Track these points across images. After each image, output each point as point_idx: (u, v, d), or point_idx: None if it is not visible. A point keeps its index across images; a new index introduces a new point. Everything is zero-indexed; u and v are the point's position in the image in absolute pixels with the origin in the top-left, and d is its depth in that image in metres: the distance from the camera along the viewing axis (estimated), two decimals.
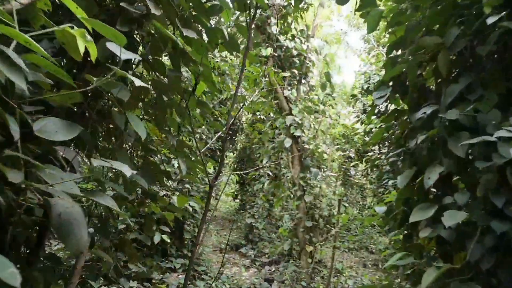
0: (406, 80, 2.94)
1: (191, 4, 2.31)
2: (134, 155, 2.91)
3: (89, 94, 2.21)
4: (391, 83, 3.00)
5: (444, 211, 2.07)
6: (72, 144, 2.19)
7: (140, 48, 2.48)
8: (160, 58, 2.61)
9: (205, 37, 2.56)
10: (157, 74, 2.55)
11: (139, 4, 2.01)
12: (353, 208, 10.18)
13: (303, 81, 7.13)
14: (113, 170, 2.69)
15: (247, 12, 2.60)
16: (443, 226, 2.15)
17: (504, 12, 2.00)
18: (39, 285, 1.72)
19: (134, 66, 2.43)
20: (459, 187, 2.60)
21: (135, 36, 2.43)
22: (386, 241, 12.76)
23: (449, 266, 2.00)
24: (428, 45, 2.55)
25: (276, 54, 6.86)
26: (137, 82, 1.18)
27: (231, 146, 16.11)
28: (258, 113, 11.25)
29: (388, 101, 3.26)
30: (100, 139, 2.86)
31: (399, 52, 3.06)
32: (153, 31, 2.56)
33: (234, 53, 2.79)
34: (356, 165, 8.89)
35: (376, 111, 9.87)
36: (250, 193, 12.88)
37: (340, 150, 7.26)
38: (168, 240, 5.03)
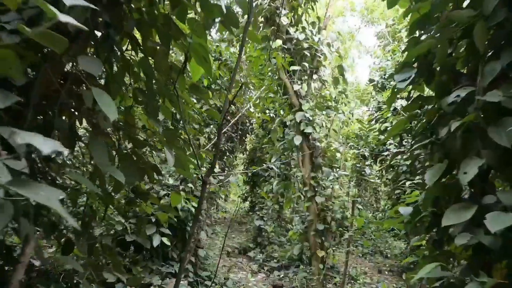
0: (433, 61, 2.54)
1: None
2: (123, 146, 2.58)
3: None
4: (415, 65, 2.61)
5: (485, 213, 1.68)
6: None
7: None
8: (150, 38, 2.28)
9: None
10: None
11: None
12: (367, 211, 9.71)
13: (314, 76, 6.74)
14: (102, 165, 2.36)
15: None
16: (484, 231, 1.76)
17: None
18: None
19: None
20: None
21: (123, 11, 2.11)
22: (401, 246, 12.21)
23: (495, 281, 1.61)
24: (460, 18, 2.16)
25: (286, 47, 6.49)
26: (63, 18, 0.82)
27: (240, 147, 15.77)
28: (268, 111, 10.89)
29: (411, 87, 2.86)
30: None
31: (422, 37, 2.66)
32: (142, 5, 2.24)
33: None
34: (371, 166, 8.44)
35: (391, 108, 9.40)
36: (260, 195, 12.51)
37: (354, 149, 6.82)
38: (168, 243, 4.69)
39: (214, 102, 7.29)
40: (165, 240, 4.69)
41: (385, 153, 8.52)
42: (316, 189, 6.04)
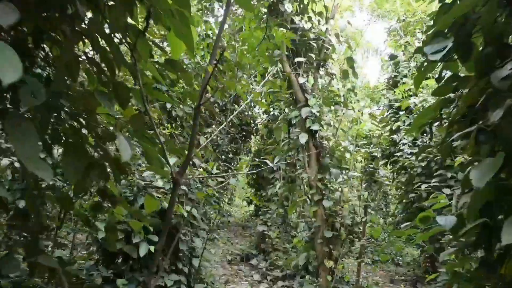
0: (471, 31, 2.00)
1: None
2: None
3: None
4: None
5: None
6: None
7: None
8: None
9: None
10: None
11: None
12: (377, 216, 9.10)
13: (321, 69, 6.20)
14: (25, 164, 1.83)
15: None
16: None
17: None
18: None
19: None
20: None
21: None
22: (414, 253, 11.54)
23: None
24: None
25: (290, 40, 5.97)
26: None
27: (244, 148, 15.24)
28: (272, 109, 10.36)
29: (441, 65, 2.31)
30: None
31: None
32: None
33: None
34: (385, 167, 7.83)
35: (405, 107, 8.80)
36: (264, 198, 11.96)
37: (365, 147, 6.24)
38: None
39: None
40: (153, 249, 4.17)
41: (398, 154, 7.93)
42: (324, 192, 5.48)
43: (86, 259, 4.44)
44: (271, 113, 10.87)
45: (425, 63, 2.18)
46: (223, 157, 12.79)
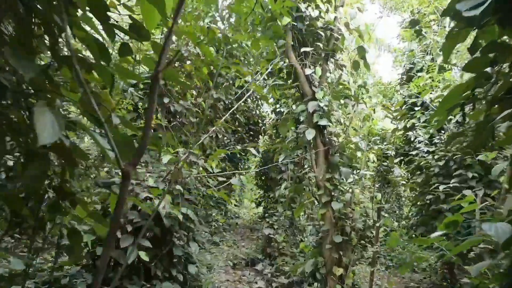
0: None
1: None
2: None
3: None
4: None
5: None
6: None
7: None
8: None
9: None
10: None
11: None
12: (391, 219, 8.57)
13: (330, 60, 5.75)
14: None
15: None
16: None
17: None
18: None
19: None
20: None
21: None
22: (430, 258, 10.93)
23: None
24: None
25: (296, 26, 5.55)
26: None
27: (253, 148, 14.82)
28: (279, 107, 9.95)
29: (475, 34, 1.86)
30: None
31: None
32: None
33: None
34: (400, 166, 7.31)
35: (419, 102, 8.28)
36: (272, 200, 11.52)
37: (379, 144, 5.74)
38: (147, 259, 3.78)
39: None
40: (143, 255, 3.78)
41: (413, 153, 7.41)
42: (333, 193, 5.03)
43: (71, 264, 4.07)
44: (278, 109, 10.44)
45: (455, 28, 1.74)
46: (228, 157, 12.41)
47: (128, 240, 3.90)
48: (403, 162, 8.76)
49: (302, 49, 5.29)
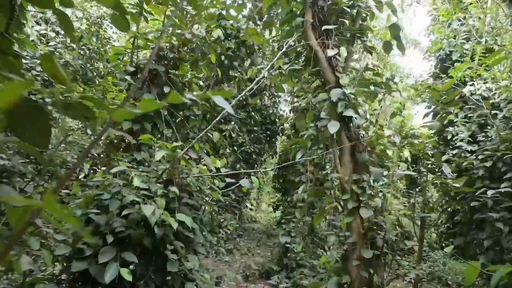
0: None
1: None
2: None
3: None
4: None
5: None
6: None
7: None
8: None
9: None
10: None
11: None
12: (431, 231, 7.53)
13: (356, 42, 4.92)
14: None
15: None
16: None
17: None
18: None
19: None
20: None
21: None
22: (464, 269, 9.78)
23: None
24: None
25: (317, 3, 4.75)
26: None
27: (269, 149, 14.00)
28: (296, 101, 9.15)
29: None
30: None
31: None
32: None
33: None
34: (449, 163, 6.29)
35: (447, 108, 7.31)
36: (289, 204, 10.67)
37: (415, 138, 4.82)
38: (130, 278, 3.04)
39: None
40: (125, 272, 3.05)
41: (453, 152, 6.43)
42: (361, 198, 4.18)
43: (41, 280, 3.37)
44: (296, 106, 9.63)
45: None
46: (243, 158, 11.64)
47: (109, 254, 3.17)
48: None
49: (324, 27, 4.48)
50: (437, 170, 4.82)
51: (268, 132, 13.51)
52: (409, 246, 4.06)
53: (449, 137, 7.22)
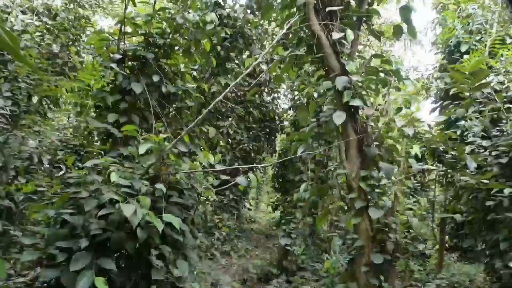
0: None
1: None
2: None
3: None
4: None
5: None
6: None
7: None
8: None
9: None
10: None
11: None
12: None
13: (363, 26, 4.52)
14: None
15: None
16: None
17: None
18: None
19: None
20: None
21: None
22: (481, 273, 9.31)
23: None
24: None
25: None
26: None
27: (268, 147, 13.58)
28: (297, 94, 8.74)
29: None
30: None
31: None
32: None
33: None
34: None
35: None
36: (290, 204, 10.25)
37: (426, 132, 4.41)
38: (105, 287, 2.62)
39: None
40: (100, 282, 2.63)
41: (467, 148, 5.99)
42: (370, 197, 3.77)
43: None
44: (296, 101, 9.22)
45: None
46: (241, 155, 11.21)
47: (83, 260, 2.76)
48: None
49: (328, 9, 4.07)
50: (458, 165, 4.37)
51: (267, 130, 13.09)
52: (423, 251, 3.64)
53: (458, 133, 6.81)
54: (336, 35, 3.96)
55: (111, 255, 3.02)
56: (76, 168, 5.13)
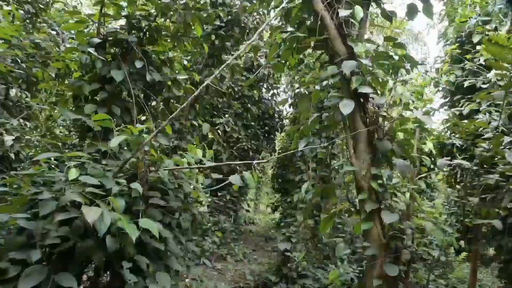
0: None
1: None
2: None
3: None
4: None
5: None
6: None
7: None
8: None
9: None
10: None
11: None
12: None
13: (372, 5, 4.02)
14: None
15: None
16: None
17: None
18: None
19: None
20: None
21: None
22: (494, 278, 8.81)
23: None
24: None
25: None
26: None
27: (268, 146, 13.09)
28: (297, 86, 8.25)
29: None
30: None
31: None
32: None
33: None
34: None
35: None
36: (289, 205, 9.76)
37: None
38: None
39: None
40: None
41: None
42: (382, 198, 3.26)
43: None
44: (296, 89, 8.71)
45: None
46: (239, 155, 10.70)
47: (37, 276, 2.25)
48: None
49: None
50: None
51: (266, 128, 12.59)
52: (444, 260, 3.15)
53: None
54: (343, 12, 3.45)
55: (75, 269, 2.52)
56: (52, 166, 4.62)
